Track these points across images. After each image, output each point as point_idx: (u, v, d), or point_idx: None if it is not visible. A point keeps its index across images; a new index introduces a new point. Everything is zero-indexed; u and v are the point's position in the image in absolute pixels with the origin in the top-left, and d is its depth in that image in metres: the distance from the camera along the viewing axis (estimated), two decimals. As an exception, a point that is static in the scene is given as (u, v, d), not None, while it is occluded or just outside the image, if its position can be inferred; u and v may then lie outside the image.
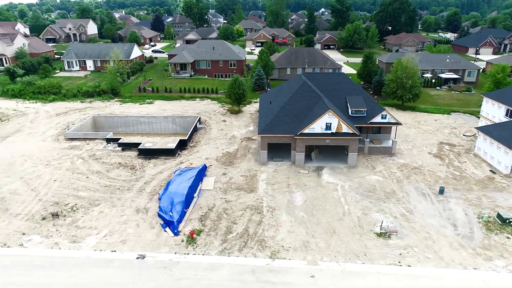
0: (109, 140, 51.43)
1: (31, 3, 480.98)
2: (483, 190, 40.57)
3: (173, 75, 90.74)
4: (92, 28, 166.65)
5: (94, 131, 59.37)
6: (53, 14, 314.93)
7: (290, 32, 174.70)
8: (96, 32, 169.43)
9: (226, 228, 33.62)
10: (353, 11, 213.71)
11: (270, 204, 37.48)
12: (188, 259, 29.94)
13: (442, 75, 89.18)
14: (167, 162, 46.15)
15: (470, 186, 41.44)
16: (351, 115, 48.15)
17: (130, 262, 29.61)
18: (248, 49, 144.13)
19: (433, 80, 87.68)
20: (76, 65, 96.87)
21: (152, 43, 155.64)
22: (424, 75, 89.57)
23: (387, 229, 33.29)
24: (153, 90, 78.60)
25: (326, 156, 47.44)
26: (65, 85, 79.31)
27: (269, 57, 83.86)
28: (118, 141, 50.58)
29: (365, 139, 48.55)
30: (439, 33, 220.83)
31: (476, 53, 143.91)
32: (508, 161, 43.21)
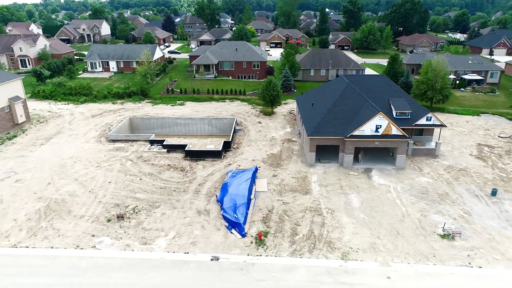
0: (152, 142, 51.77)
1: (35, 3, 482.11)
2: (535, 192, 40.98)
3: (197, 76, 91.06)
4: (105, 28, 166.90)
5: (131, 132, 59.76)
6: (60, 15, 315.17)
7: (301, 32, 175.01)
8: (109, 32, 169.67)
9: (291, 230, 34.00)
10: (364, 11, 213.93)
11: (328, 205, 37.87)
12: (261, 260, 30.32)
13: (465, 76, 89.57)
14: (215, 164, 46.51)
15: (521, 188, 41.87)
16: (396, 117, 48.56)
17: (205, 263, 29.98)
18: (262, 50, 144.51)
19: (456, 82, 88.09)
20: (99, 66, 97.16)
21: (166, 44, 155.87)
22: (448, 76, 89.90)
23: (450, 231, 33.73)
24: (181, 91, 78.97)
25: (371, 157, 47.82)
26: (92, 86, 79.59)
27: (295, 58, 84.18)
28: (162, 143, 50.92)
29: (409, 141, 48.94)
30: (448, 34, 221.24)
31: (490, 54, 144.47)
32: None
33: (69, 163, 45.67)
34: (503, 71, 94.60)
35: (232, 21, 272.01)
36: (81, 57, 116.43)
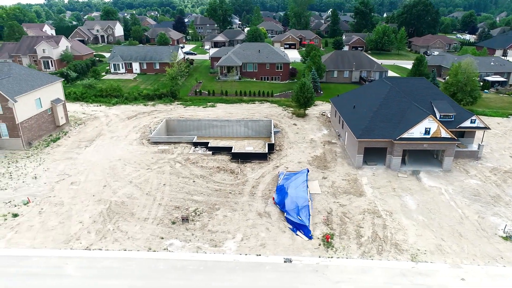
0: (196, 144, 52.17)
1: (39, 3, 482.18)
2: None
3: (222, 77, 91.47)
4: (119, 30, 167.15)
5: (167, 134, 60.13)
6: (66, 15, 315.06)
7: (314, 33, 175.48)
8: (122, 33, 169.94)
9: (355, 232, 34.43)
10: (375, 12, 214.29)
11: (385, 208, 38.31)
12: (333, 262, 30.73)
13: (488, 78, 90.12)
14: (264, 166, 46.92)
15: None
16: (439, 119, 48.96)
17: (279, 265, 30.39)
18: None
19: (480, 83, 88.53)
20: (122, 68, 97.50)
21: (180, 45, 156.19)
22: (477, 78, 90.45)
23: (511, 233, 34.19)
24: (209, 93, 79.39)
25: (415, 160, 48.24)
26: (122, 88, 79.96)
27: (321, 60, 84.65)
28: (206, 145, 51.32)
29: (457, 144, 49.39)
30: (457, 35, 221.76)
31: (504, 55, 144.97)
32: None
33: (119, 166, 46.05)
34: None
35: (239, 22, 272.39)
36: (100, 58, 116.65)
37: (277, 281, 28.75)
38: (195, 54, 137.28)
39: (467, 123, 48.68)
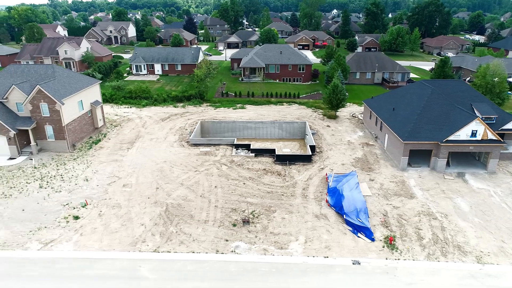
0: (237, 146, 52.50)
1: (42, 3, 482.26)
2: None
3: (244, 79, 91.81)
4: (131, 30, 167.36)
5: (201, 136, 60.48)
6: (73, 16, 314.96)
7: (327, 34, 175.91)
8: (135, 34, 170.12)
9: (415, 234, 34.77)
10: (386, 12, 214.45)
11: (439, 210, 38.65)
12: (402, 264, 31.06)
13: (511, 79, 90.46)
14: (309, 168, 47.26)
15: None
16: (481, 121, 49.35)
17: (349, 267, 30.73)
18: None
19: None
20: (144, 69, 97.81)
21: (194, 46, 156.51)
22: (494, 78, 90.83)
23: None
24: (235, 94, 79.73)
25: (458, 162, 48.58)
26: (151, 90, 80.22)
27: (345, 62, 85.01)
28: (248, 147, 51.67)
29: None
30: (465, 35, 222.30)
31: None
32: None
33: (166, 168, 46.36)
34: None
35: (246, 22, 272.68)
36: (118, 60, 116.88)
37: (349, 283, 29.09)
38: (210, 55, 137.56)
39: (509, 125, 49.03)
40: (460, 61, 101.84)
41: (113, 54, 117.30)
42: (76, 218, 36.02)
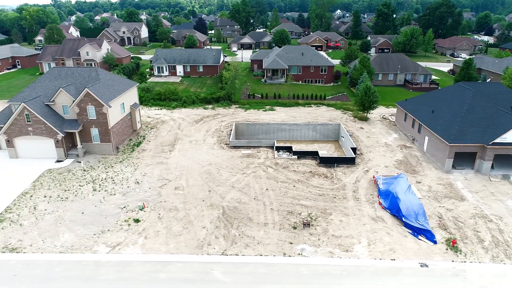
0: (278, 148, 52.77)
1: (45, 4, 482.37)
2: None
3: (267, 80, 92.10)
4: (144, 31, 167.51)
5: (235, 138, 60.70)
6: (75, 16, 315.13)
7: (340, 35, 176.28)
8: (147, 35, 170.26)
9: (475, 237, 35.09)
10: (397, 13, 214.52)
11: (492, 212, 38.97)
12: (469, 266, 31.36)
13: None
14: (354, 171, 47.56)
15: None
16: (522, 124, 49.70)
17: (417, 270, 31.02)
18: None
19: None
20: (166, 70, 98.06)
21: (207, 47, 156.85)
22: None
23: None
24: (262, 96, 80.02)
25: (500, 164, 48.89)
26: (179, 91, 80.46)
27: (370, 63, 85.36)
28: (289, 149, 51.95)
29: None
30: (474, 36, 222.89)
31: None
32: None
33: (213, 170, 46.62)
34: None
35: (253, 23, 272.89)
36: (137, 61, 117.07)
37: (422, 285, 29.39)
38: (225, 56, 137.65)
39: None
40: (480, 62, 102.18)
41: (132, 55, 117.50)
42: (137, 221, 36.27)
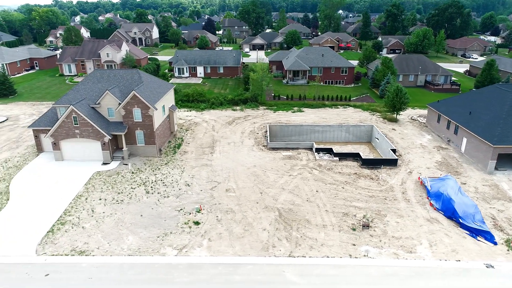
0: (318, 150, 53.14)
1: (46, 4, 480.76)
2: None
3: (289, 81, 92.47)
4: (155, 32, 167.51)
5: (269, 140, 61.02)
6: (79, 16, 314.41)
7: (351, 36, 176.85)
8: (158, 36, 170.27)
9: (532, 237, 35.69)
10: (407, 13, 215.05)
11: (544, 213, 39.63)
12: (533, 267, 31.95)
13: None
14: (398, 172, 47.99)
15: None
16: (560, 125, 50.32)
17: (484, 271, 31.47)
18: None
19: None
20: (186, 72, 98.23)
21: (219, 48, 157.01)
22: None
23: None
24: (287, 97, 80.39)
25: (539, 165, 49.62)
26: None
27: (393, 64, 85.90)
28: (330, 151, 52.34)
29: None
30: (480, 36, 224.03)
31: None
32: None
33: (259, 172, 46.94)
34: None
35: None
36: (155, 62, 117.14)
37: (491, 286, 29.84)
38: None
39: None
40: (497, 63, 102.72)
41: (149, 56, 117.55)
42: (197, 223, 36.54)
